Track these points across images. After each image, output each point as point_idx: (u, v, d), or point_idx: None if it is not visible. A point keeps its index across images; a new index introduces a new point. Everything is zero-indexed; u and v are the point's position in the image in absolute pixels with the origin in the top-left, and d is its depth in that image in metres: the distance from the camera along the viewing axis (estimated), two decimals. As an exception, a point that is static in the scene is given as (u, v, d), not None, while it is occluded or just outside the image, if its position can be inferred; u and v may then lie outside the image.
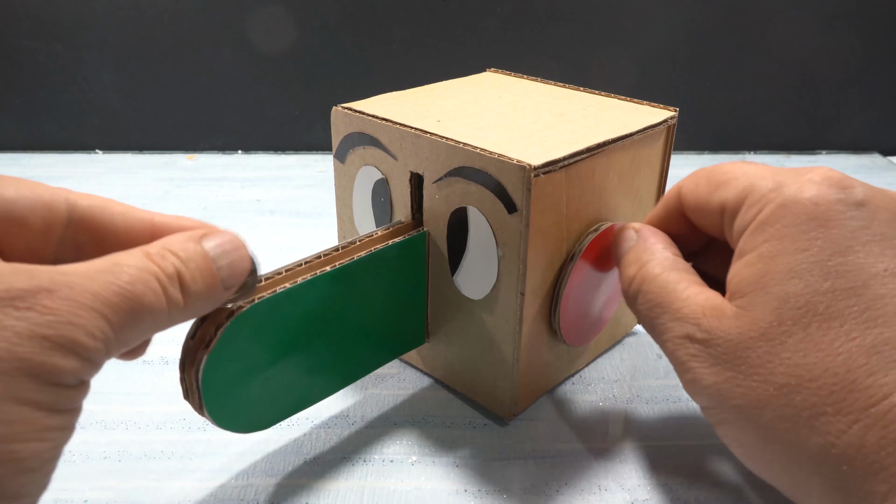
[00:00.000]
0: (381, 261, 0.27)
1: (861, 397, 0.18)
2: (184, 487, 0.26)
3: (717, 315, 0.21)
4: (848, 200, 0.20)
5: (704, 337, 0.21)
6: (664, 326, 0.23)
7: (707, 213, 0.24)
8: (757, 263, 0.21)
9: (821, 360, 0.19)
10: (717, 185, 0.23)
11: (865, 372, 0.18)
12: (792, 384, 0.19)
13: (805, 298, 0.19)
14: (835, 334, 0.19)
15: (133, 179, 0.55)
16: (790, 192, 0.21)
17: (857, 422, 0.18)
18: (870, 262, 0.19)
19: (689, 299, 0.22)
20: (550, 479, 0.27)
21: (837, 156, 0.62)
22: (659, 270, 0.24)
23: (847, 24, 0.59)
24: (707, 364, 0.21)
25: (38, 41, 0.57)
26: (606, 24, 0.58)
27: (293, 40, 0.58)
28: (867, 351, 0.18)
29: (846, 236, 0.20)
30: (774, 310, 0.20)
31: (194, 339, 0.22)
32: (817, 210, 0.20)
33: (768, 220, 0.21)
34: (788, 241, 0.20)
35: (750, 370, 0.20)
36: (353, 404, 0.31)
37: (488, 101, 0.32)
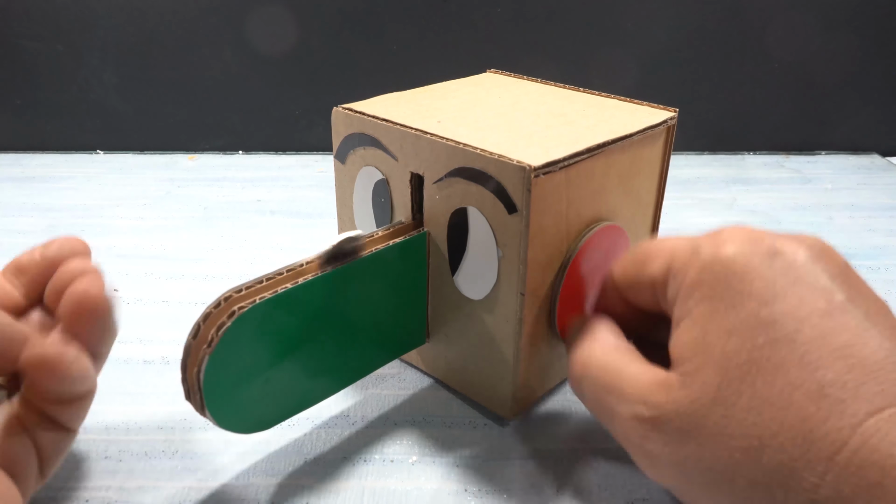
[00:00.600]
0: (382, 261, 0.27)
1: (823, 446, 0.18)
2: (184, 487, 0.26)
3: (663, 389, 0.21)
4: (764, 252, 0.21)
5: (653, 414, 0.21)
6: (612, 410, 0.23)
7: (641, 291, 0.24)
8: (692, 328, 0.21)
9: (775, 414, 0.19)
10: (642, 262, 0.24)
11: (819, 420, 0.18)
12: (755, 445, 0.19)
13: (745, 355, 0.19)
14: (781, 385, 0.19)
15: (134, 180, 0.55)
16: (707, 253, 0.21)
17: (829, 472, 0.18)
18: (797, 307, 0.19)
19: (632, 378, 0.22)
20: (550, 479, 0.27)
21: (836, 156, 0.62)
22: (600, 353, 0.24)
23: (847, 25, 0.59)
24: (662, 442, 0.21)
25: (38, 41, 0.58)
26: (606, 25, 0.58)
27: (293, 40, 0.58)
28: (815, 396, 0.18)
29: (770, 286, 0.20)
30: (719, 371, 0.20)
31: (196, 339, 0.23)
32: (737, 266, 0.21)
33: (694, 284, 0.21)
34: (717, 301, 0.20)
35: (709, 440, 0.20)
36: (353, 404, 0.31)
37: (489, 102, 0.32)
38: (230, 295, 0.23)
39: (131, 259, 0.43)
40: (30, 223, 0.48)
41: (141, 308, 0.38)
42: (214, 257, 0.44)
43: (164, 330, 0.36)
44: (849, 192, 0.55)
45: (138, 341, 0.35)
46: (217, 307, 0.23)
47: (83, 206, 0.50)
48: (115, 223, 0.48)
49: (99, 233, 0.46)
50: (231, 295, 0.23)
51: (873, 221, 0.50)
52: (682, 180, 0.56)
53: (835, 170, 0.59)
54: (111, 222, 0.48)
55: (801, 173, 0.58)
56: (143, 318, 0.37)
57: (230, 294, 0.23)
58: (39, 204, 0.51)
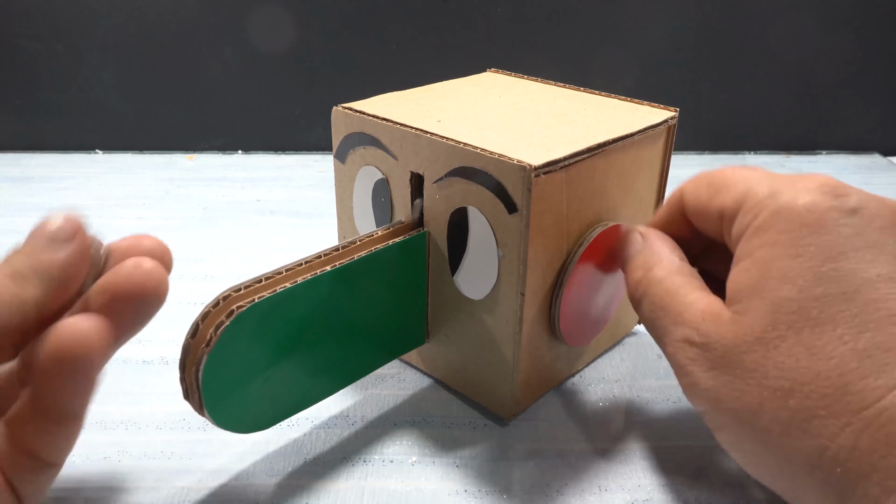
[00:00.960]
0: (382, 261, 0.27)
1: (853, 400, 0.18)
2: (183, 488, 0.26)
3: (715, 320, 0.21)
4: (842, 208, 0.21)
5: (702, 341, 0.21)
6: (665, 330, 0.23)
7: (707, 217, 0.24)
8: (752, 269, 0.21)
9: (814, 364, 0.19)
10: (716, 189, 0.24)
11: (857, 375, 0.18)
12: (786, 388, 0.19)
13: (798, 304, 0.20)
14: (827, 339, 0.19)
15: (133, 180, 0.55)
16: (785, 198, 0.21)
17: (850, 424, 0.18)
18: (862, 268, 0.19)
19: (690, 304, 0.22)
20: (551, 480, 0.27)
21: (837, 156, 0.62)
22: (664, 275, 0.24)
23: (847, 24, 0.59)
24: (704, 368, 0.21)
25: (38, 41, 0.57)
26: (607, 25, 0.58)
27: (293, 40, 0.58)
28: (859, 355, 0.18)
29: (839, 243, 0.20)
30: (768, 314, 0.20)
31: (194, 339, 0.22)
32: (811, 217, 0.20)
33: (763, 226, 0.21)
34: (782, 248, 0.20)
35: (745, 374, 0.20)
36: (353, 404, 0.31)
37: (489, 102, 0.32)
38: (229, 294, 0.23)
39: (130, 259, 0.43)
40: (29, 223, 0.47)
41: (140, 308, 0.38)
42: (214, 257, 0.44)
43: (163, 330, 0.36)
44: (849, 191, 0.55)
45: (137, 341, 0.35)
46: (216, 306, 0.23)
47: (82, 206, 0.50)
48: (114, 223, 0.48)
49: (98, 233, 0.46)
50: (230, 294, 0.23)
51: (874, 221, 0.49)
52: (682, 180, 0.56)
53: (835, 169, 0.59)
54: (110, 222, 0.48)
55: (802, 173, 0.58)
56: (142, 318, 0.37)
57: (229, 293, 0.23)
58: (39, 204, 0.51)
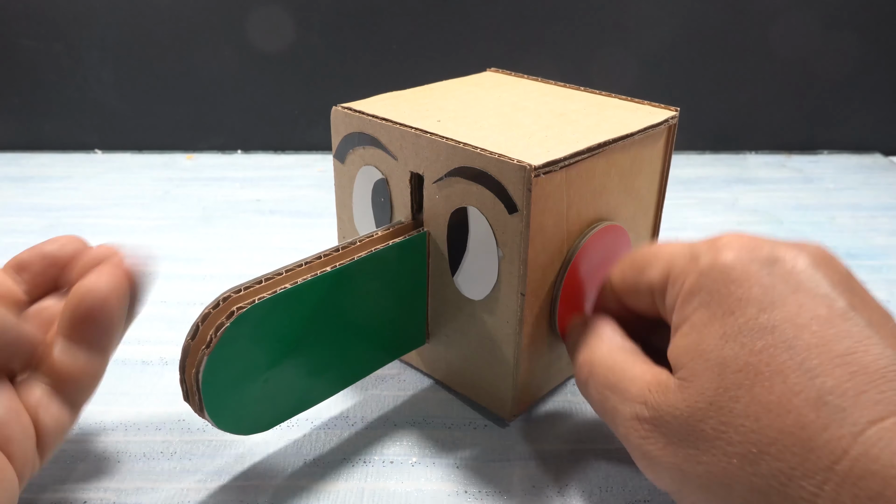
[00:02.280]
0: (382, 261, 0.27)
1: (822, 455, 0.17)
2: (183, 489, 0.26)
3: (662, 390, 0.21)
4: (760, 259, 0.20)
5: (653, 415, 0.21)
6: (615, 410, 0.23)
7: (639, 296, 0.24)
8: (691, 333, 0.21)
9: (774, 420, 0.18)
10: (640, 269, 0.24)
11: (819, 427, 0.18)
12: (753, 452, 0.18)
13: (743, 360, 0.19)
14: (780, 391, 0.18)
15: (132, 179, 0.55)
16: (706, 260, 0.21)
17: (827, 481, 0.17)
18: (795, 313, 0.19)
19: (634, 379, 0.22)
20: (551, 480, 0.27)
21: (838, 156, 0.62)
22: (605, 352, 0.24)
23: (848, 24, 0.58)
24: (662, 444, 0.21)
25: (37, 40, 0.57)
26: (607, 24, 0.58)
27: (293, 40, 0.58)
28: (815, 403, 0.18)
29: (767, 293, 0.20)
30: (716, 376, 0.20)
31: (194, 340, 0.22)
32: (735, 273, 0.20)
33: (692, 290, 0.21)
34: (715, 307, 0.20)
35: (706, 445, 0.19)
36: (353, 405, 0.31)
37: (489, 101, 0.32)
38: (229, 295, 0.23)
39: (130, 259, 0.43)
40: (28, 223, 0.48)
41: (139, 308, 0.38)
42: (213, 257, 0.43)
43: (162, 331, 0.36)
44: (851, 191, 0.55)
45: (137, 342, 0.35)
46: (216, 308, 0.23)
47: (81, 206, 0.50)
48: (113, 223, 0.48)
49: (97, 232, 0.46)
50: (230, 295, 0.23)
51: (875, 221, 0.50)
52: (683, 180, 0.56)
53: (837, 169, 0.59)
54: (109, 222, 0.48)
55: (803, 173, 0.58)
56: (141, 319, 0.37)
57: (229, 294, 0.23)
58: (38, 203, 0.51)
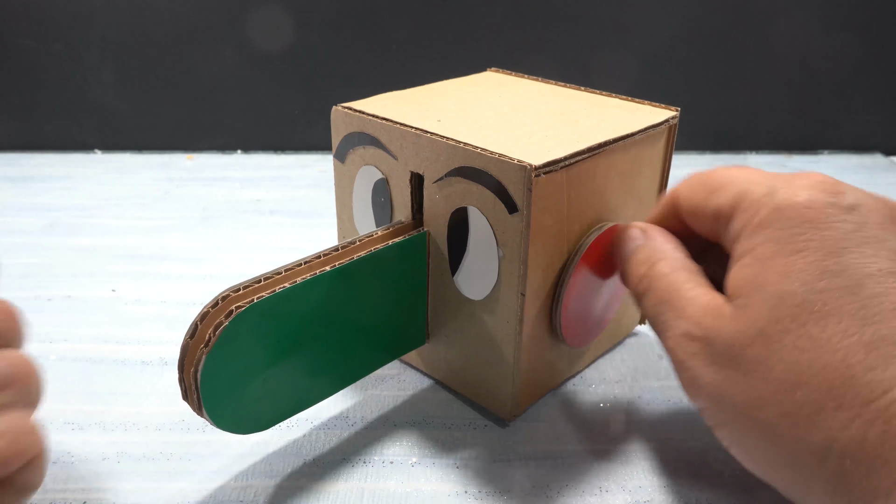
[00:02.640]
0: (381, 261, 0.27)
1: (861, 392, 0.18)
2: (183, 489, 0.26)
3: (716, 314, 0.21)
4: (839, 204, 0.21)
5: (703, 335, 0.21)
6: (667, 324, 0.23)
7: (703, 218, 0.24)
8: (753, 265, 0.21)
9: (819, 356, 0.19)
10: (711, 190, 0.24)
11: (864, 368, 0.18)
12: (791, 380, 0.19)
13: (801, 297, 0.19)
14: (832, 331, 0.19)
15: (132, 179, 0.55)
16: (783, 196, 0.21)
17: (858, 417, 0.18)
18: (863, 263, 0.19)
19: (692, 299, 0.22)
20: (551, 481, 0.27)
21: (839, 156, 0.62)
22: (668, 270, 0.24)
23: (848, 24, 0.58)
24: (705, 363, 0.21)
25: (37, 40, 0.57)
26: (607, 24, 0.58)
27: (293, 40, 0.58)
28: (865, 347, 0.18)
29: (839, 238, 0.20)
30: (771, 308, 0.20)
31: (193, 339, 0.22)
32: (810, 213, 0.20)
33: (762, 223, 0.21)
34: (783, 243, 0.20)
35: (748, 368, 0.20)
36: (352, 405, 0.31)
37: (489, 101, 0.32)
38: (228, 294, 0.23)
39: (129, 259, 0.43)
40: (28, 223, 0.48)
41: (139, 308, 0.38)
42: (213, 257, 0.43)
43: (162, 330, 0.36)
44: (850, 191, 0.55)
45: (136, 342, 0.35)
46: (215, 307, 0.23)
47: (81, 206, 0.50)
48: (113, 223, 0.48)
49: (97, 232, 0.46)
50: (229, 294, 0.23)
51: (875, 221, 0.49)
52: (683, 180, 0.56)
53: (837, 169, 0.59)
54: (109, 222, 0.48)
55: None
56: (141, 319, 0.37)
57: (228, 293, 0.23)
58: (37, 204, 0.51)
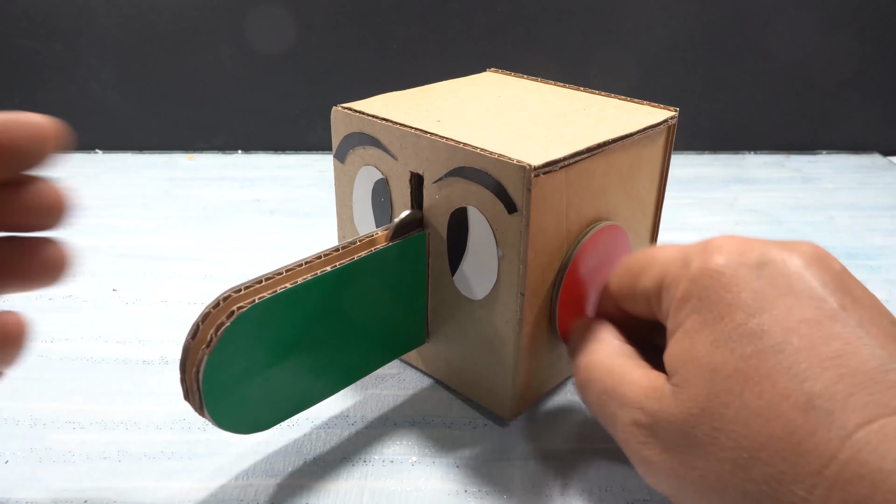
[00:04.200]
0: (382, 261, 0.27)
1: (811, 460, 0.17)
2: (184, 488, 0.26)
3: (658, 396, 0.21)
4: (749, 263, 0.20)
5: (649, 421, 0.21)
6: (614, 416, 0.23)
7: (636, 302, 0.25)
8: (683, 339, 0.21)
9: (763, 426, 0.18)
10: (635, 275, 0.24)
11: (807, 432, 0.18)
12: (744, 458, 0.19)
13: (733, 366, 0.19)
14: (769, 396, 0.18)
15: (132, 179, 0.55)
16: (696, 265, 0.21)
17: (817, 486, 0.17)
18: (784, 317, 0.19)
19: (632, 384, 0.22)
20: (551, 480, 0.27)
21: (837, 156, 0.62)
22: (603, 357, 0.24)
23: (847, 24, 0.59)
24: (659, 450, 0.21)
25: (37, 41, 0.57)
26: (606, 24, 0.58)
27: (293, 40, 0.58)
28: (803, 408, 0.18)
29: (757, 297, 0.20)
30: (707, 382, 0.20)
31: (195, 339, 0.22)
32: (724, 278, 0.20)
33: (684, 296, 0.21)
34: (706, 312, 0.20)
35: (700, 450, 0.20)
36: (353, 405, 0.31)
37: (488, 101, 0.32)
38: (229, 295, 0.23)
39: (130, 259, 0.43)
40: (28, 223, 0.48)
41: (140, 308, 0.38)
42: (213, 257, 0.44)
43: (163, 330, 0.36)
44: (849, 191, 0.55)
45: (137, 341, 0.35)
46: (216, 307, 0.23)
47: (82, 206, 0.50)
48: (113, 223, 0.48)
49: (97, 232, 0.46)
50: (230, 295, 0.23)
51: (874, 221, 0.50)
52: (682, 180, 0.56)
53: (835, 169, 0.59)
54: (110, 222, 0.48)
55: (802, 173, 0.58)
56: (141, 318, 0.37)
57: (229, 294, 0.23)
58: (38, 203, 0.51)
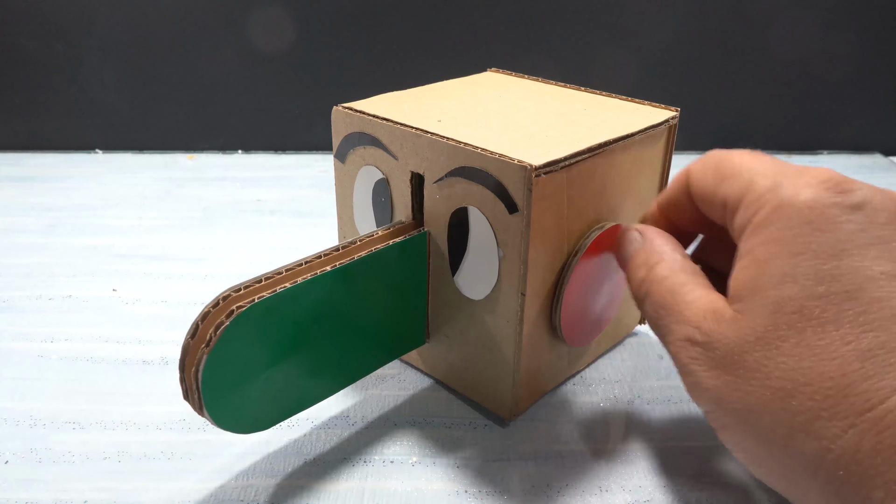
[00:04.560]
0: (382, 261, 0.27)
1: (857, 402, 0.18)
2: (184, 488, 0.26)
3: (716, 318, 0.21)
4: (844, 204, 0.20)
5: (704, 340, 0.21)
6: (668, 329, 0.23)
7: (712, 204, 0.24)
8: (753, 267, 0.21)
9: (816, 364, 0.19)
10: (721, 176, 0.23)
11: (861, 376, 0.18)
12: (788, 388, 0.19)
13: (800, 303, 0.19)
14: (830, 338, 0.19)
15: (133, 179, 0.55)
16: (786, 194, 0.21)
17: (853, 426, 0.18)
18: (865, 266, 0.19)
19: (693, 303, 0.22)
20: (551, 480, 0.27)
21: (839, 156, 0.62)
22: (667, 273, 0.24)
23: (848, 24, 0.58)
24: (707, 367, 0.21)
25: (38, 40, 0.57)
26: (607, 24, 0.58)
27: (293, 40, 0.58)
28: (862, 355, 0.18)
29: (841, 240, 0.19)
30: (770, 314, 0.20)
31: (194, 339, 0.22)
32: (812, 214, 0.20)
33: (763, 222, 0.21)
34: (783, 245, 0.20)
35: (747, 374, 0.20)
36: (353, 405, 0.31)
37: (489, 101, 0.32)
38: (229, 294, 0.23)
39: (130, 259, 0.43)
40: (28, 223, 0.48)
41: (140, 308, 0.38)
42: (214, 257, 0.43)
43: (163, 330, 0.36)
44: (850, 191, 0.55)
45: (137, 341, 0.35)
46: (216, 307, 0.23)
47: (82, 206, 0.50)
48: (114, 223, 0.48)
49: (98, 232, 0.46)
50: (230, 294, 0.23)
51: (875, 221, 0.49)
52: (683, 180, 0.56)
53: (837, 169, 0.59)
54: (110, 222, 0.48)
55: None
56: (141, 318, 0.37)
57: (229, 293, 0.23)
58: (38, 203, 0.51)
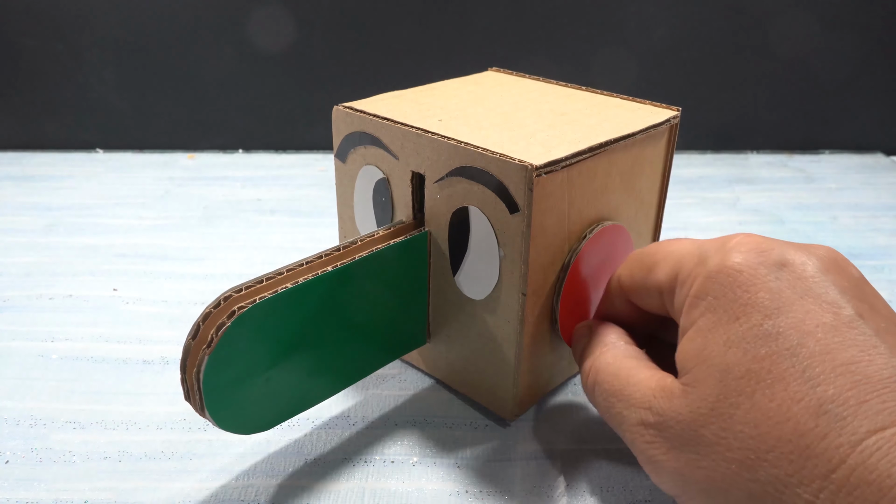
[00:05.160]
0: (383, 261, 0.27)
1: (819, 463, 0.17)
2: (184, 488, 0.26)
3: (667, 396, 0.21)
4: (769, 262, 0.20)
5: (658, 420, 0.21)
6: (621, 417, 0.23)
7: (647, 296, 0.24)
8: (696, 338, 0.21)
9: (772, 428, 0.18)
10: (648, 268, 0.24)
11: (817, 436, 0.18)
12: (751, 459, 0.19)
13: (745, 367, 0.19)
14: (780, 399, 0.18)
15: (133, 178, 0.55)
16: (714, 263, 0.21)
17: (823, 490, 0.17)
18: (801, 320, 0.19)
19: (639, 384, 0.22)
20: (552, 480, 0.27)
21: (840, 155, 0.62)
22: (611, 359, 0.24)
23: (850, 23, 0.58)
24: (665, 449, 0.21)
25: (38, 40, 0.57)
26: (608, 24, 0.58)
27: (293, 39, 0.58)
28: (815, 412, 0.18)
29: (774, 298, 0.20)
30: (718, 382, 0.20)
31: (195, 340, 0.22)
32: (742, 277, 0.20)
33: (699, 294, 0.21)
34: (721, 312, 0.20)
35: (707, 449, 0.20)
36: (354, 405, 0.31)
37: (490, 101, 0.32)
38: (230, 295, 0.23)
39: (130, 258, 0.43)
40: (28, 222, 0.48)
41: (140, 308, 0.38)
42: (214, 257, 0.43)
43: (163, 330, 0.36)
44: (852, 191, 0.55)
45: (137, 341, 0.35)
46: (217, 307, 0.23)
47: (82, 205, 0.50)
48: (114, 222, 0.48)
49: (98, 232, 0.46)
50: (231, 295, 0.23)
51: (877, 221, 0.49)
52: (684, 179, 0.56)
53: (838, 169, 0.59)
54: (110, 221, 0.48)
55: (805, 172, 0.58)
56: (142, 318, 0.37)
57: (230, 294, 0.23)
58: (39, 203, 0.51)
